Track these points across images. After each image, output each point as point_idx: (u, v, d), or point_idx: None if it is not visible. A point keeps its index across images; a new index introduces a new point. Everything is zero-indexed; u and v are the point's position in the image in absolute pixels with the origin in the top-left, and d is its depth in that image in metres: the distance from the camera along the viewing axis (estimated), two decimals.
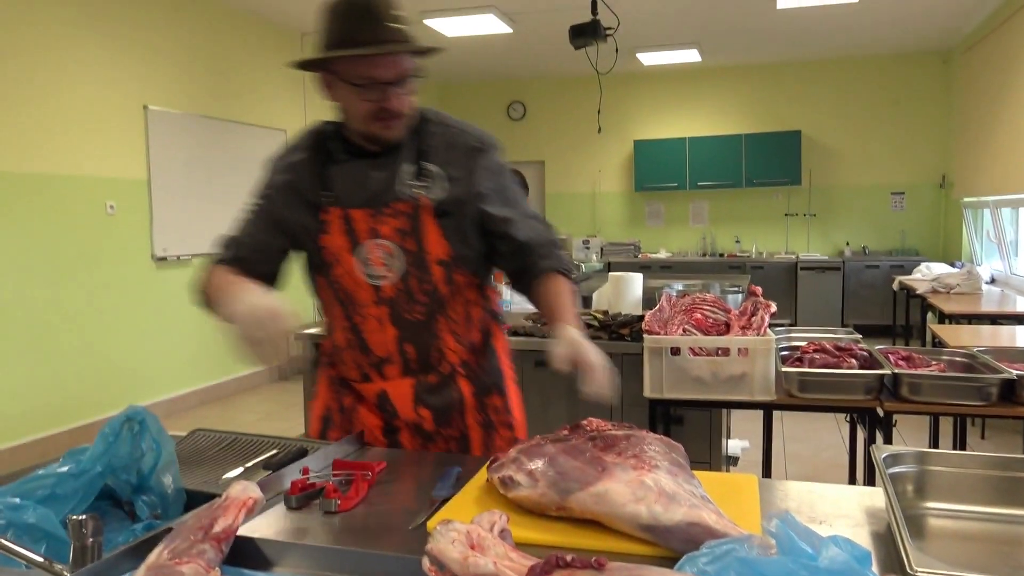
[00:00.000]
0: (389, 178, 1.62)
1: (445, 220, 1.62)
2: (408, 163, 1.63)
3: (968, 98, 7.90)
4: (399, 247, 1.61)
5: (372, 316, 1.66)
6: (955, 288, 5.82)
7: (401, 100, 1.57)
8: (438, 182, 1.63)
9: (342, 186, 1.64)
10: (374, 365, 1.72)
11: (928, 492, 1.28)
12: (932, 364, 2.62)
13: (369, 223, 1.61)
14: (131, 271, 5.65)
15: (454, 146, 1.66)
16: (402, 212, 1.61)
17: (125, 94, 5.57)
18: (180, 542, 1.03)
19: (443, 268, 1.64)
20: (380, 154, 1.64)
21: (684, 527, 1.08)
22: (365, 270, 1.63)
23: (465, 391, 1.75)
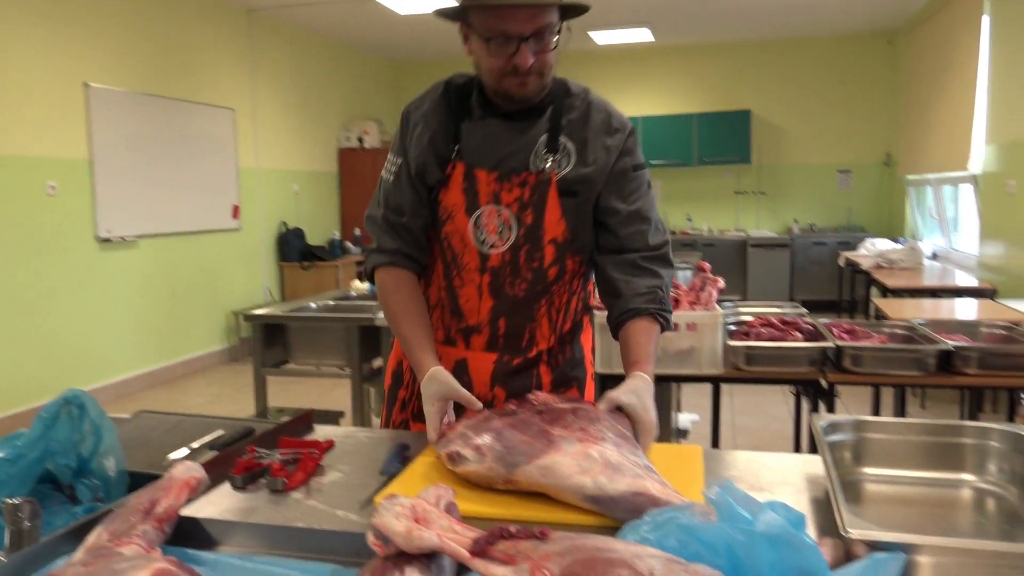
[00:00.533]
0: (523, 145, 1.55)
1: (568, 200, 1.54)
2: (543, 133, 1.55)
3: (912, 78, 8.07)
4: (516, 218, 1.54)
5: (472, 282, 1.60)
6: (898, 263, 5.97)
7: (537, 57, 1.45)
8: (570, 159, 1.55)
9: (472, 143, 1.56)
10: (462, 331, 1.65)
11: (865, 458, 1.32)
12: (874, 336, 2.69)
13: (492, 187, 1.54)
14: (74, 253, 5.50)
15: (592, 124, 1.57)
16: (528, 184, 1.54)
17: (64, 71, 5.39)
18: (120, 523, 1.02)
19: (555, 248, 1.57)
20: (516, 116, 1.56)
21: (628, 497, 1.10)
22: (477, 234, 1.56)
23: (545, 380, 1.67)
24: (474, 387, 1.65)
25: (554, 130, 1.55)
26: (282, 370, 3.95)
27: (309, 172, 8.53)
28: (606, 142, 1.57)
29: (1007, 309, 3.84)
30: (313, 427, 1.65)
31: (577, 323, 1.72)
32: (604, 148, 1.57)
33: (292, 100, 8.20)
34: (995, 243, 5.73)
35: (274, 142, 7.91)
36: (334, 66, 9.01)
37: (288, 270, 7.99)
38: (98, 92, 5.65)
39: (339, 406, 5.00)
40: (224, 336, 7.19)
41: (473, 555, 0.86)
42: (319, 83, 8.69)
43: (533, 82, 1.48)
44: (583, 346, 1.75)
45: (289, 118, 8.16)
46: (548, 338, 1.66)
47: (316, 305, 4.03)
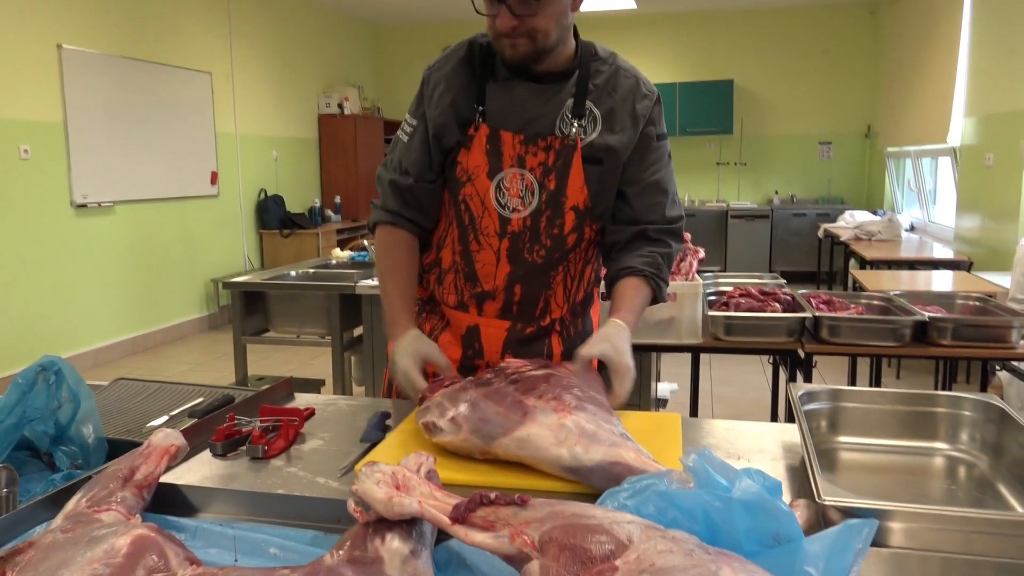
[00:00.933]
0: (549, 109, 1.52)
1: (592, 167, 1.52)
2: (570, 98, 1.53)
3: (894, 50, 8.08)
4: (539, 183, 1.52)
5: (490, 247, 1.57)
6: (876, 235, 6.02)
7: (521, 21, 1.42)
8: (596, 124, 1.53)
9: (497, 104, 1.53)
10: (475, 297, 1.62)
11: (841, 427, 1.34)
12: (851, 307, 2.72)
13: (517, 150, 1.51)
14: (49, 218, 5.42)
15: (620, 91, 1.54)
16: (553, 148, 1.51)
17: (37, 33, 5.27)
18: (99, 490, 1.02)
19: (576, 215, 1.54)
20: (543, 80, 1.53)
21: (605, 466, 1.11)
22: (498, 197, 1.54)
23: (556, 350, 1.65)
24: (485, 354, 1.64)
25: (580, 95, 1.52)
26: (262, 338, 3.93)
27: (288, 138, 8.43)
28: (634, 109, 1.55)
29: (982, 281, 3.89)
30: (294, 395, 1.65)
31: (589, 294, 1.72)
32: (631, 116, 1.54)
33: (271, 64, 8.08)
34: (972, 216, 5.79)
35: (253, 107, 7.80)
36: (314, 30, 8.87)
37: (268, 238, 7.93)
38: (72, 54, 5.54)
39: (320, 374, 5.00)
40: (203, 304, 7.14)
41: (454, 521, 0.86)
42: (298, 47, 8.56)
43: (523, 45, 1.45)
44: (592, 319, 1.75)
45: (268, 83, 8.04)
46: (562, 307, 1.64)
47: (296, 273, 4.01)
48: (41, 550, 0.85)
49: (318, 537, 1.01)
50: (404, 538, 0.87)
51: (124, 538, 0.85)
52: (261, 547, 0.99)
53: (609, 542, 0.78)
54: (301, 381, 3.79)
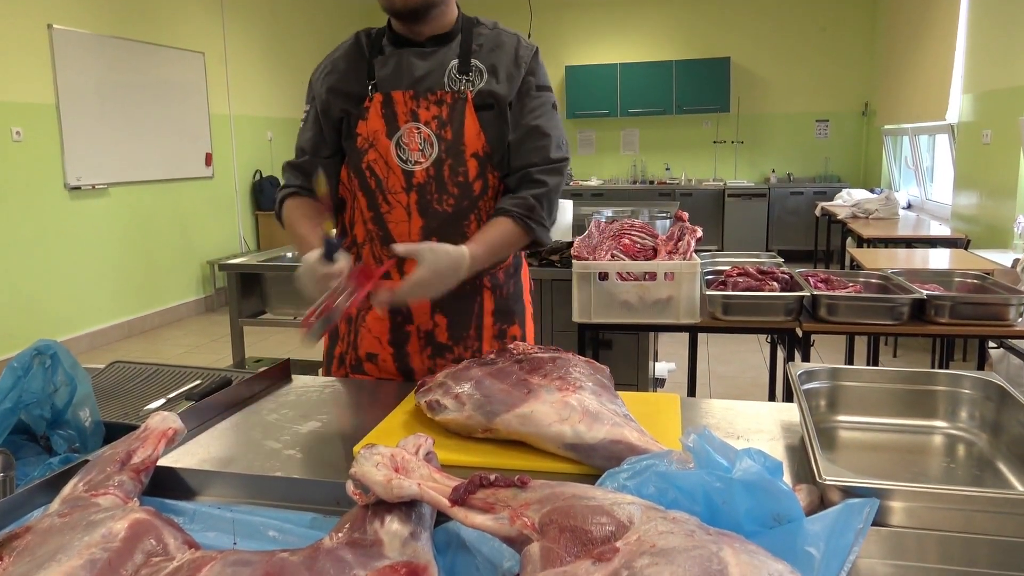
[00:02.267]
0: (434, 68, 1.61)
1: (485, 113, 1.60)
2: (454, 58, 1.62)
3: (891, 27, 8.03)
4: (436, 135, 1.59)
5: (400, 204, 1.62)
6: (874, 213, 6.01)
7: None
8: (482, 76, 1.61)
9: (385, 73, 1.63)
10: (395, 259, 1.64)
11: (840, 406, 1.33)
12: (849, 286, 2.71)
13: (409, 106, 1.59)
14: (42, 201, 5.39)
15: (501, 46, 1.64)
16: (444, 101, 1.59)
17: (27, 12, 5.21)
18: (96, 474, 1.01)
19: (478, 162, 1.60)
20: (426, 45, 1.63)
21: (607, 444, 1.10)
22: (399, 154, 1.60)
23: (487, 306, 1.71)
24: (415, 317, 1.68)
25: (465, 54, 1.62)
26: (259, 320, 3.93)
27: (283, 119, 8.37)
28: (516, 58, 1.64)
29: (979, 259, 3.89)
30: (291, 377, 1.65)
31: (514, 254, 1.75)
32: (514, 64, 1.63)
33: (264, 44, 8.01)
34: (969, 193, 5.78)
35: (247, 88, 7.74)
36: (307, 9, 8.79)
37: (263, 219, 7.90)
38: (63, 34, 5.48)
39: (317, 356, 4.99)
40: (199, 286, 7.12)
41: (453, 503, 0.86)
42: (292, 27, 8.48)
43: None
44: (522, 283, 1.80)
45: (262, 63, 7.97)
46: None
47: (292, 255, 3.99)
48: (38, 535, 0.85)
49: (317, 520, 1.01)
50: (403, 520, 0.87)
51: (122, 522, 0.85)
52: (260, 530, 0.99)
53: (610, 523, 0.78)
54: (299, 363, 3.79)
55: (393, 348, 1.71)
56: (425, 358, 1.70)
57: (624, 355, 3.23)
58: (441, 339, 1.69)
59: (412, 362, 1.71)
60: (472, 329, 1.70)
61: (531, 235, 1.59)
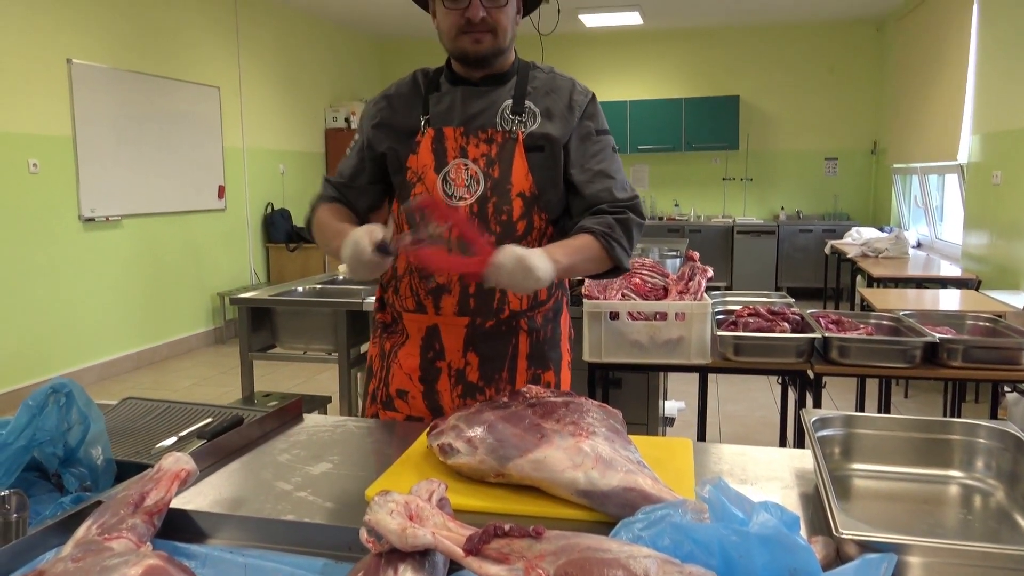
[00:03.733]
0: (487, 107, 1.63)
1: (535, 155, 1.61)
2: (508, 98, 1.64)
3: (900, 67, 8.09)
4: (483, 172, 1.60)
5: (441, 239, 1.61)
6: (883, 252, 6.00)
7: (489, 13, 1.55)
8: (535, 118, 1.63)
9: (439, 109, 1.66)
10: (432, 293, 1.65)
11: (854, 454, 1.33)
12: (860, 328, 2.70)
13: (459, 142, 1.61)
14: (57, 231, 5.44)
15: (556, 90, 1.66)
16: (494, 140, 1.61)
17: (46, 47, 5.31)
18: (109, 516, 1.01)
19: (523, 202, 1.61)
20: (481, 84, 1.65)
21: (620, 492, 1.10)
22: (445, 189, 1.61)
23: (522, 349, 1.68)
24: (447, 354, 1.67)
25: (519, 95, 1.64)
26: (268, 354, 3.93)
27: (295, 152, 8.46)
28: (570, 102, 1.66)
29: (991, 300, 3.87)
30: (303, 416, 1.65)
31: (555, 297, 1.74)
32: (568, 108, 1.65)
33: (278, 79, 8.12)
34: (979, 233, 5.78)
35: (260, 121, 7.83)
36: (321, 45, 8.92)
37: (274, 251, 7.94)
38: (81, 68, 5.57)
39: (325, 390, 4.99)
40: (209, 318, 7.15)
41: (467, 553, 0.86)
42: (306, 62, 8.60)
43: (487, 40, 1.57)
44: (561, 329, 1.77)
45: (275, 97, 8.08)
46: (520, 299, 1.66)
47: (303, 289, 4.01)
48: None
49: (329, 565, 1.00)
50: (417, 569, 0.86)
51: (135, 568, 0.85)
52: (272, 575, 0.99)
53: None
54: (307, 398, 3.78)
55: (423, 385, 1.70)
56: (455, 397, 1.68)
57: (634, 394, 3.21)
58: (472, 378, 1.67)
59: (442, 400, 1.69)
60: (505, 371, 1.68)
61: (611, 254, 1.57)
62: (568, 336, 1.81)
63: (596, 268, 1.60)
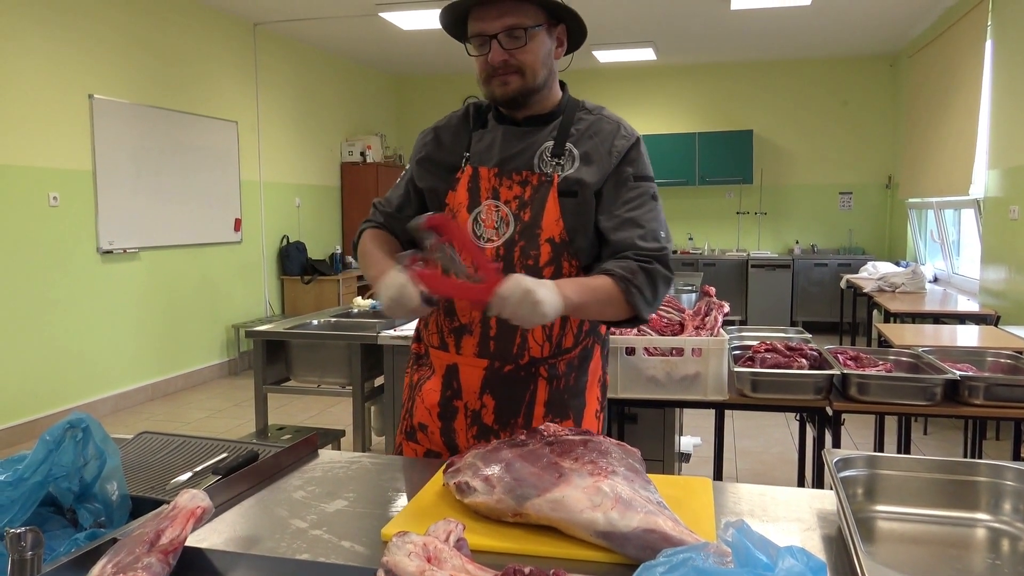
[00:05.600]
0: (526, 147, 1.62)
1: (568, 200, 1.58)
2: (549, 140, 1.62)
3: (914, 101, 8.10)
4: (514, 215, 1.58)
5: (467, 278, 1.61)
6: (900, 287, 5.96)
7: (512, 55, 1.54)
8: (573, 162, 1.60)
9: (479, 148, 1.66)
10: (454, 332, 1.65)
11: (877, 495, 1.30)
12: (879, 364, 2.68)
13: (492, 183, 1.61)
14: (75, 264, 5.49)
15: (599, 132, 1.63)
16: (529, 183, 1.59)
17: (69, 82, 5.40)
18: (124, 555, 1.00)
19: (551, 248, 1.58)
20: (524, 123, 1.64)
21: (640, 534, 1.08)
22: (475, 229, 1.60)
23: (540, 396, 1.64)
24: (463, 394, 1.66)
25: (561, 136, 1.62)
26: (282, 387, 3.93)
27: (311, 186, 8.53)
28: (611, 147, 1.61)
29: (1010, 336, 3.83)
30: (318, 452, 1.64)
31: (583, 346, 1.69)
32: (607, 152, 1.61)
33: (295, 114, 8.22)
34: (997, 268, 5.73)
35: (277, 155, 7.92)
36: (338, 80, 9.03)
37: (289, 284, 7.98)
38: (102, 103, 5.66)
39: (339, 423, 4.98)
40: (224, 350, 7.17)
41: None
42: (322, 97, 8.71)
43: (514, 82, 1.56)
44: (588, 377, 1.71)
45: (292, 132, 8.17)
46: (541, 345, 1.62)
47: (318, 322, 4.02)
48: None
49: None
50: None
51: None
52: None
53: None
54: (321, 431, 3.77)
55: (442, 422, 1.69)
56: (471, 437, 1.67)
57: (650, 429, 3.19)
58: (487, 420, 1.66)
59: (458, 439, 1.68)
60: (520, 417, 1.65)
61: (629, 299, 1.52)
62: (600, 382, 1.75)
63: (613, 313, 1.55)
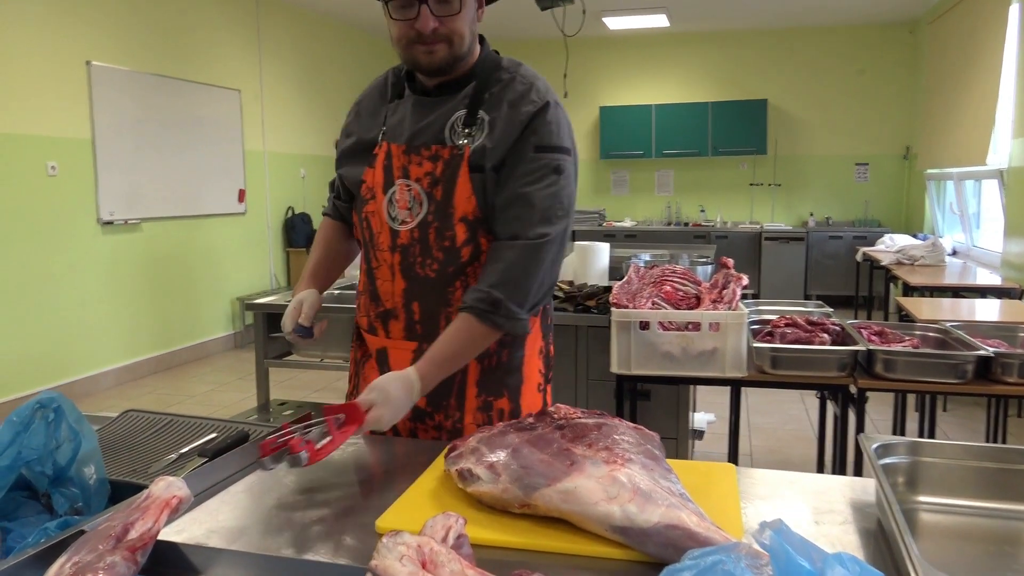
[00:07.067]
0: (435, 119, 1.51)
1: (478, 175, 1.46)
2: (462, 108, 1.50)
3: (933, 69, 7.88)
4: (426, 193, 1.49)
5: (385, 263, 1.55)
6: (919, 260, 5.81)
7: (442, 23, 1.43)
8: (483, 131, 1.48)
9: (393, 121, 1.56)
10: (380, 317, 1.59)
11: (920, 485, 1.19)
12: (905, 339, 2.55)
13: (403, 161, 1.51)
14: (75, 235, 5.39)
15: (509, 96, 1.49)
16: (439, 157, 1.48)
17: (66, 49, 5.26)
18: (86, 553, 0.90)
19: (467, 227, 1.48)
20: (434, 92, 1.54)
21: (662, 530, 0.97)
22: (390, 211, 1.52)
23: (471, 376, 1.56)
24: None
25: (474, 104, 1.49)
26: (285, 361, 3.83)
27: (316, 156, 8.39)
28: (517, 113, 1.47)
29: None
30: None
31: None
32: (513, 120, 1.47)
33: (299, 82, 8.06)
34: (1021, 240, 5.57)
35: (281, 125, 7.77)
36: (342, 49, 8.86)
37: (294, 256, 7.87)
38: (100, 71, 5.53)
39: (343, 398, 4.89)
40: (228, 322, 7.09)
41: None
42: (327, 65, 8.54)
43: (441, 50, 1.45)
44: (525, 352, 1.60)
45: (297, 101, 8.02)
46: None
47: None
48: None
49: None
50: None
51: None
52: None
53: None
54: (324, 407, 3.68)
55: None
56: (406, 420, 1.58)
57: (663, 406, 3.08)
58: (420, 404, 1.53)
59: None
60: (452, 398, 1.57)
61: (498, 330, 1.45)
62: (542, 354, 1.65)
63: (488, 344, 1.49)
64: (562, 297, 3.20)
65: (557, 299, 3.18)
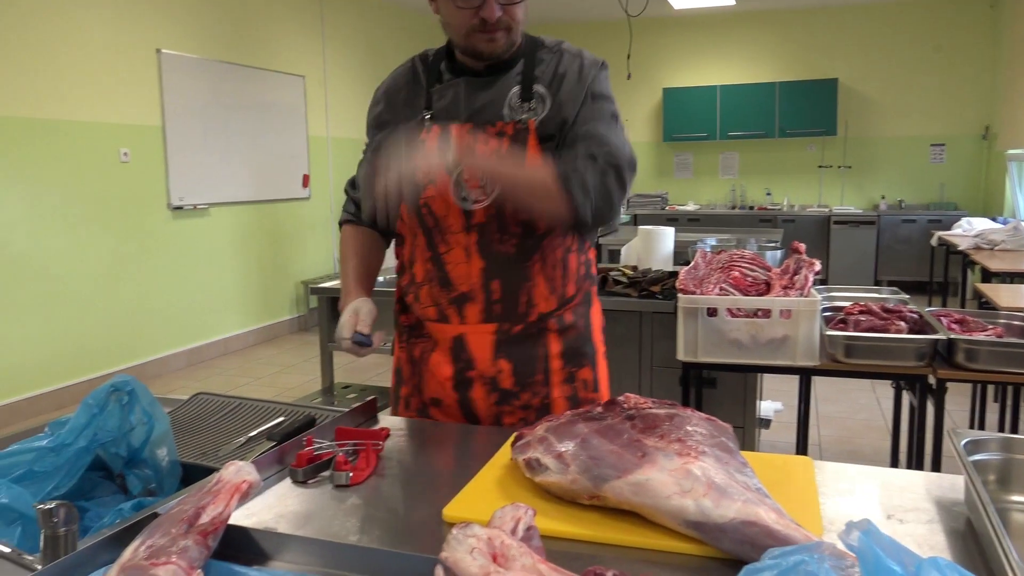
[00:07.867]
0: (493, 98, 1.52)
1: (549, 144, 1.49)
2: (515, 85, 1.52)
3: (1016, 44, 7.52)
4: None
5: (459, 245, 1.51)
6: (1000, 244, 5.57)
7: (505, 11, 1.44)
8: (545, 103, 1.51)
9: (443, 104, 1.55)
10: (454, 302, 1.54)
11: (1014, 484, 1.12)
12: (988, 328, 2.44)
13: (468, 140, 1.47)
14: (147, 220, 5.54)
15: (565, 68, 1.53)
16: (504, 133, 1.49)
17: (137, 38, 5.39)
18: (159, 536, 0.90)
19: None
20: (485, 74, 1.54)
21: (738, 526, 0.94)
22: (458, 192, 1.49)
23: (553, 349, 1.57)
24: (476, 363, 1.56)
25: (527, 80, 1.52)
26: None
27: None
28: (578, 74, 1.53)
29: None
30: (377, 418, 1.54)
31: (583, 292, 1.62)
32: (576, 80, 1.52)
33: (362, 68, 8.12)
34: None
35: (344, 110, 7.85)
36: (404, 34, 8.88)
37: None
38: (170, 58, 5.65)
39: None
40: (294, 305, 7.21)
41: None
42: (389, 51, 8.58)
43: (501, 38, 1.47)
44: (592, 321, 1.64)
45: (359, 86, 8.08)
46: (548, 300, 1.55)
47: (384, 279, 3.93)
48: None
49: None
50: None
51: None
52: None
53: None
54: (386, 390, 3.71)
55: (458, 394, 1.59)
56: (491, 404, 1.57)
57: (729, 394, 3.01)
58: (506, 385, 1.55)
59: (477, 408, 1.58)
60: (539, 374, 1.56)
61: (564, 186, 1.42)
62: (601, 327, 1.68)
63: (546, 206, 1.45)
64: (626, 282, 3.15)
65: (620, 284, 3.14)
